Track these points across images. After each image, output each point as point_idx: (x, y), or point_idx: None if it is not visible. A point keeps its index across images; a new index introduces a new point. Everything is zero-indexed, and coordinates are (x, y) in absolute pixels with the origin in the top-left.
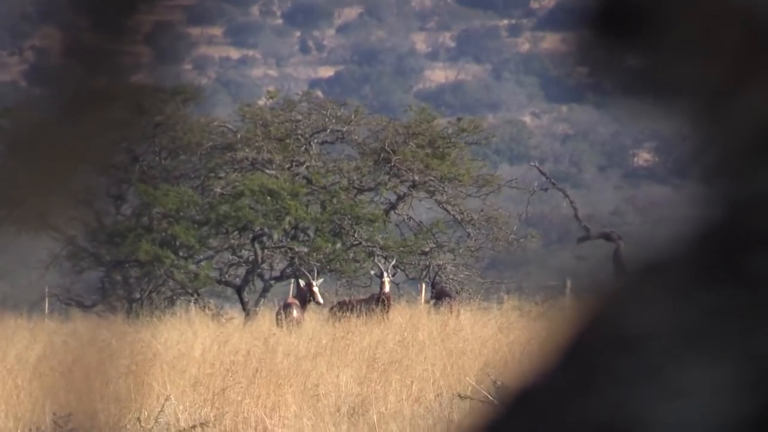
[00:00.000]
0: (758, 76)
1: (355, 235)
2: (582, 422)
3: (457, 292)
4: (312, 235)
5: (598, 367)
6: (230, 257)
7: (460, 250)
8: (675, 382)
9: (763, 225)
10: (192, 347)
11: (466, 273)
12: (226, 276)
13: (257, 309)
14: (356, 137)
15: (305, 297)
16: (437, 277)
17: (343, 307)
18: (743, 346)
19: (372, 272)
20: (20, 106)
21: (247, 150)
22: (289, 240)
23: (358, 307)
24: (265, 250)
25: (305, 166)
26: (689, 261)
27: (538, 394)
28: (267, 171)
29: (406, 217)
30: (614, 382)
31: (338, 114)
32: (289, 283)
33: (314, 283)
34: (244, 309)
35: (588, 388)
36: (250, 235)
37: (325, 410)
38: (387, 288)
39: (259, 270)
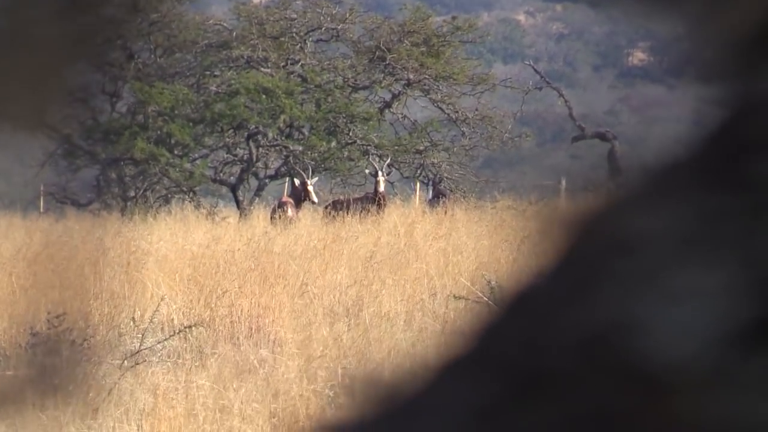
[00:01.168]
0: None
1: (350, 134)
2: (579, 327)
3: (451, 191)
4: (307, 133)
5: (595, 271)
6: (225, 155)
7: (455, 149)
8: (674, 286)
9: (764, 127)
10: (186, 246)
11: (461, 172)
12: (221, 174)
13: (252, 207)
14: (351, 35)
15: (300, 196)
16: (437, 177)
17: (337, 205)
18: (743, 250)
19: (367, 171)
20: (15, 1)
21: (242, 48)
22: (283, 138)
23: (354, 206)
24: (260, 149)
25: (300, 64)
26: (688, 163)
27: (536, 298)
28: (262, 69)
29: (400, 116)
30: (612, 287)
31: (333, 12)
32: (284, 182)
33: (309, 182)
34: (238, 207)
35: (585, 293)
36: (245, 134)
37: (319, 310)
38: (382, 187)
39: (253, 168)
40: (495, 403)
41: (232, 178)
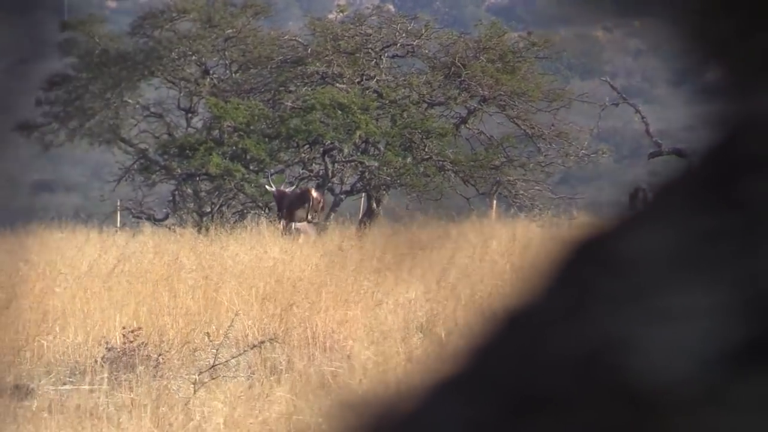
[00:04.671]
0: None
1: (425, 150)
2: (574, 346)
3: (528, 208)
4: (382, 149)
5: (589, 292)
6: (300, 171)
7: (531, 165)
8: (666, 307)
9: (760, 147)
10: (261, 261)
11: (537, 188)
12: (297, 190)
13: (327, 223)
14: (426, 51)
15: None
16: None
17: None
18: (735, 270)
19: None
20: (92, 18)
21: (317, 64)
22: (359, 154)
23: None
24: (336, 164)
25: (375, 80)
26: (681, 183)
27: (531, 317)
28: (337, 85)
29: (476, 132)
30: (606, 307)
31: (409, 28)
32: (360, 198)
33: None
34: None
35: (580, 312)
36: (321, 149)
37: (393, 325)
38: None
39: (329, 184)
40: (489, 422)
41: None
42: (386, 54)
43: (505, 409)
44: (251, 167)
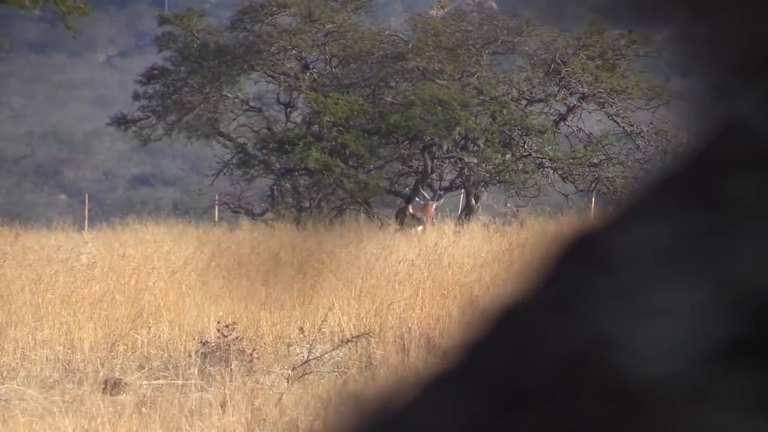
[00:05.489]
0: None
1: (525, 146)
2: (561, 343)
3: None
4: (482, 145)
5: (577, 289)
6: (400, 167)
7: (629, 163)
8: (652, 304)
9: (743, 148)
10: (359, 256)
11: (636, 186)
12: (396, 186)
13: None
14: (527, 48)
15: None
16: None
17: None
18: (723, 268)
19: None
20: (191, 12)
21: (418, 60)
22: (458, 150)
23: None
24: (435, 160)
25: (476, 76)
26: (667, 182)
27: (518, 315)
28: (438, 81)
29: (575, 129)
30: (593, 304)
31: (509, 25)
32: (459, 194)
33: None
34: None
35: (567, 310)
36: (420, 145)
37: None
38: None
39: (428, 180)
40: (477, 420)
41: (406, 189)
42: (487, 50)
43: (493, 406)
44: (350, 162)
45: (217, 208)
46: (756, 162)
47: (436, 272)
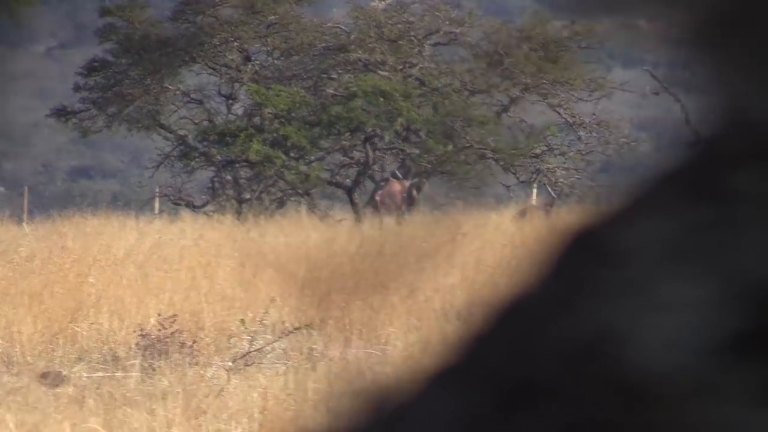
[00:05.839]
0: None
1: (467, 137)
2: (567, 337)
3: (567, 196)
4: (423, 136)
5: (583, 283)
6: (341, 158)
7: (571, 154)
8: (658, 298)
9: (751, 142)
10: (300, 248)
11: (577, 176)
12: (337, 177)
13: (367, 210)
14: (469, 39)
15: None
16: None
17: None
18: (726, 263)
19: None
20: (133, 3)
21: (359, 51)
22: (400, 141)
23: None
24: (377, 152)
25: (418, 67)
26: (672, 176)
27: (525, 308)
28: (380, 72)
29: (517, 120)
30: (599, 298)
31: (452, 16)
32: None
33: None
34: (354, 210)
35: (573, 304)
36: (362, 136)
37: (431, 314)
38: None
39: (370, 171)
40: (483, 413)
41: (348, 180)
42: (429, 42)
43: (499, 400)
44: (292, 154)
45: (157, 200)
46: (760, 156)
47: (378, 262)
